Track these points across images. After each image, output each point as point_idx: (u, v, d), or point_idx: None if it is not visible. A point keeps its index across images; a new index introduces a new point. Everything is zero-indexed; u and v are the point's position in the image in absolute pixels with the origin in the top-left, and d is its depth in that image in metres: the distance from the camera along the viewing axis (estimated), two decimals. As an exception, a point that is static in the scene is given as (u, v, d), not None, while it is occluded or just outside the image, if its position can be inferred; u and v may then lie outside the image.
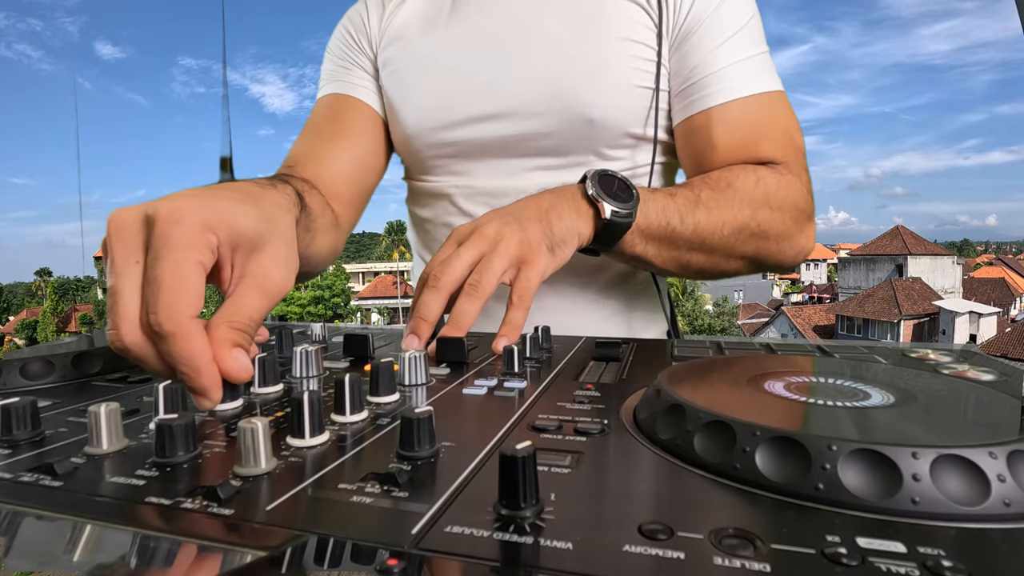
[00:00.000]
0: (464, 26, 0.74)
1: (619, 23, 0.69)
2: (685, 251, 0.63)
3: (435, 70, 0.75)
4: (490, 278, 0.50)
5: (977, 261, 50.56)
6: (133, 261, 0.33)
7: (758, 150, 0.66)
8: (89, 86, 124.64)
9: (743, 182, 0.63)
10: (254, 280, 0.36)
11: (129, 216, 0.34)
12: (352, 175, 0.76)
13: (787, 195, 0.65)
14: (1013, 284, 29.52)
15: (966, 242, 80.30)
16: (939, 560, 0.17)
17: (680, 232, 0.61)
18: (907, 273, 26.13)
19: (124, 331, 0.32)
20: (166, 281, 0.31)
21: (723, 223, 0.62)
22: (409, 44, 0.77)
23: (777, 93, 0.68)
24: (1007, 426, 0.25)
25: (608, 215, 0.57)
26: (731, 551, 0.18)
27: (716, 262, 0.65)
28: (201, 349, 0.31)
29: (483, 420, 0.32)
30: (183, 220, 0.33)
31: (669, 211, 0.60)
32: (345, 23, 0.83)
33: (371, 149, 0.80)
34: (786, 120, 0.68)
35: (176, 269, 0.32)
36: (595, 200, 0.57)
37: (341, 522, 0.20)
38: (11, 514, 0.22)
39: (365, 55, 0.81)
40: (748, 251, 0.65)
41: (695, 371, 0.34)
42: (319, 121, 0.80)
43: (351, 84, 0.80)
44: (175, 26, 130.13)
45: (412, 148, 0.78)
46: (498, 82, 0.71)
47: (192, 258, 0.33)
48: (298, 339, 0.57)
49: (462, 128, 0.74)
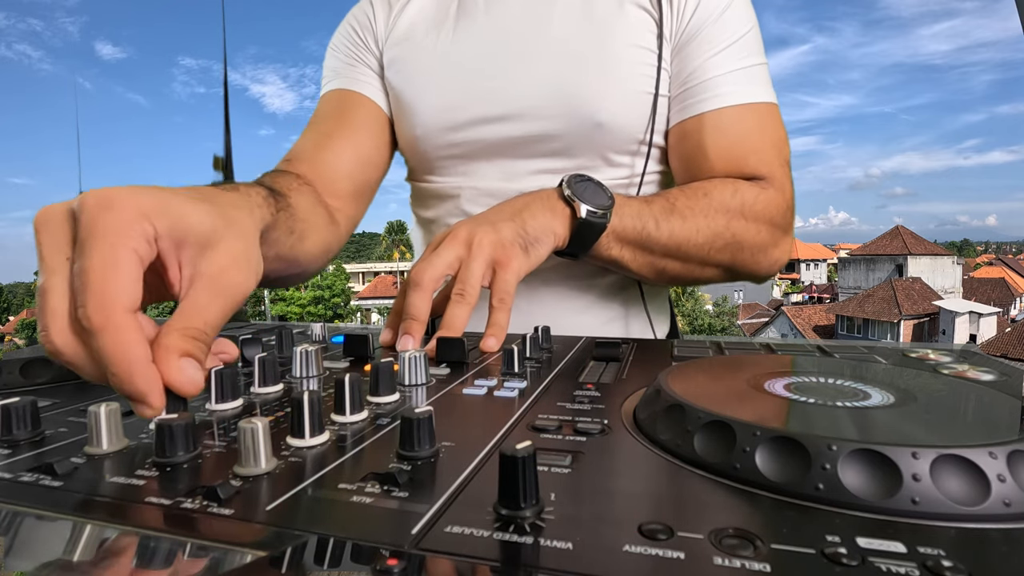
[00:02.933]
0: (472, 27, 0.74)
1: (627, 27, 0.69)
2: (660, 257, 0.64)
3: (443, 71, 0.75)
4: (473, 283, 0.52)
5: (977, 261, 50.53)
6: (63, 257, 0.29)
7: (746, 162, 0.67)
8: (89, 86, 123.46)
9: (719, 192, 0.65)
10: (208, 280, 0.32)
11: (55, 210, 0.31)
12: (354, 171, 0.76)
13: (764, 209, 0.66)
14: (1013, 284, 29.52)
15: (966, 242, 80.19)
16: (939, 560, 0.17)
17: (655, 238, 0.62)
18: (907, 273, 26.12)
19: (54, 331, 0.28)
20: (95, 270, 0.28)
21: (697, 231, 0.63)
22: (417, 44, 0.77)
23: (770, 105, 0.69)
24: (1007, 426, 0.25)
25: (583, 214, 0.58)
26: (731, 551, 0.18)
27: (691, 269, 0.66)
28: (133, 346, 0.28)
29: (483, 420, 0.32)
30: (114, 207, 0.30)
31: (644, 216, 0.61)
32: (350, 20, 0.83)
33: (374, 145, 0.79)
34: (775, 133, 0.69)
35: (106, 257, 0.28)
36: (570, 200, 0.58)
37: (341, 522, 0.20)
38: (11, 514, 0.22)
39: (371, 52, 0.81)
40: (723, 260, 0.66)
41: (695, 371, 0.34)
42: (322, 117, 0.79)
43: (356, 80, 0.80)
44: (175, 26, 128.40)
45: (419, 148, 0.77)
46: (506, 84, 0.72)
47: (125, 245, 0.29)
48: (298, 339, 0.57)
49: (470, 129, 0.74)
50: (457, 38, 0.75)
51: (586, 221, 0.58)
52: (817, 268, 46.80)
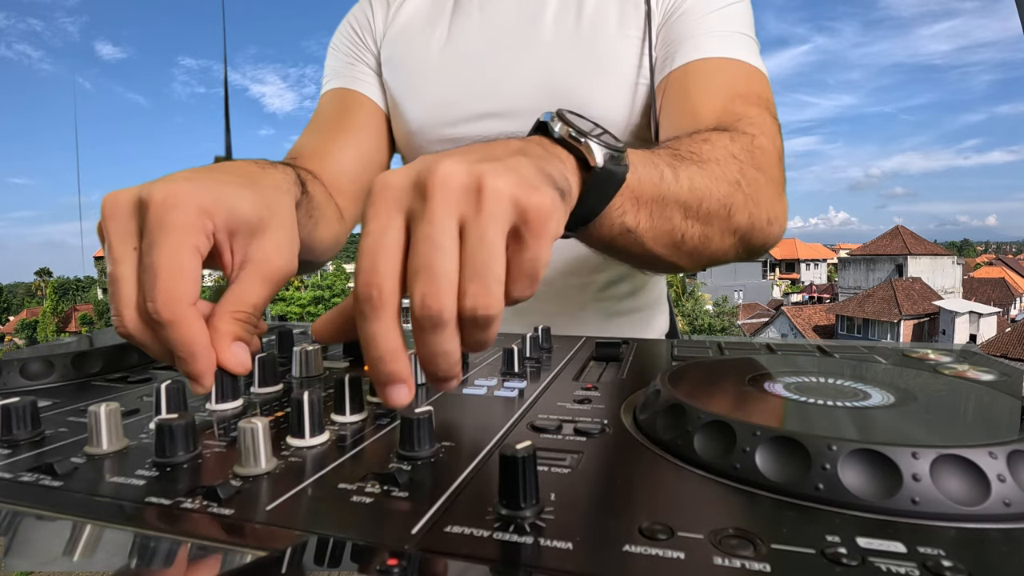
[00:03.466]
0: (468, 24, 0.75)
1: (620, 21, 0.69)
2: (681, 219, 0.48)
3: (438, 67, 0.75)
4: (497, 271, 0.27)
5: (977, 261, 50.48)
6: (130, 247, 0.33)
7: (732, 107, 0.60)
8: (89, 86, 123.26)
9: (718, 137, 0.54)
10: (256, 267, 0.35)
11: (123, 199, 0.33)
12: (356, 171, 0.76)
13: (764, 158, 0.57)
14: (1013, 284, 29.51)
15: (966, 242, 79.99)
16: (939, 560, 0.17)
17: (675, 192, 0.46)
18: (907, 273, 26.12)
19: (127, 318, 0.32)
20: (162, 269, 0.31)
21: (715, 179, 0.50)
22: (413, 41, 0.77)
23: (756, 69, 0.65)
24: (1007, 426, 0.25)
25: (600, 161, 0.36)
26: (731, 551, 0.18)
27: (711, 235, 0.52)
28: (198, 337, 0.31)
29: (483, 420, 0.32)
30: (179, 205, 0.32)
31: (658, 164, 0.44)
32: (350, 19, 0.83)
33: (375, 146, 0.80)
34: (762, 90, 0.64)
35: (172, 256, 0.31)
36: (575, 141, 0.36)
37: (341, 522, 0.20)
38: (11, 514, 0.22)
39: (370, 51, 0.81)
40: (742, 222, 0.53)
41: (695, 371, 0.34)
42: (324, 116, 0.79)
43: (356, 80, 0.80)
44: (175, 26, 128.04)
45: (414, 144, 0.78)
46: (501, 80, 0.72)
47: (188, 244, 0.32)
48: (298, 339, 0.57)
49: (465, 125, 0.74)
50: (452, 35, 0.75)
51: (605, 169, 0.37)
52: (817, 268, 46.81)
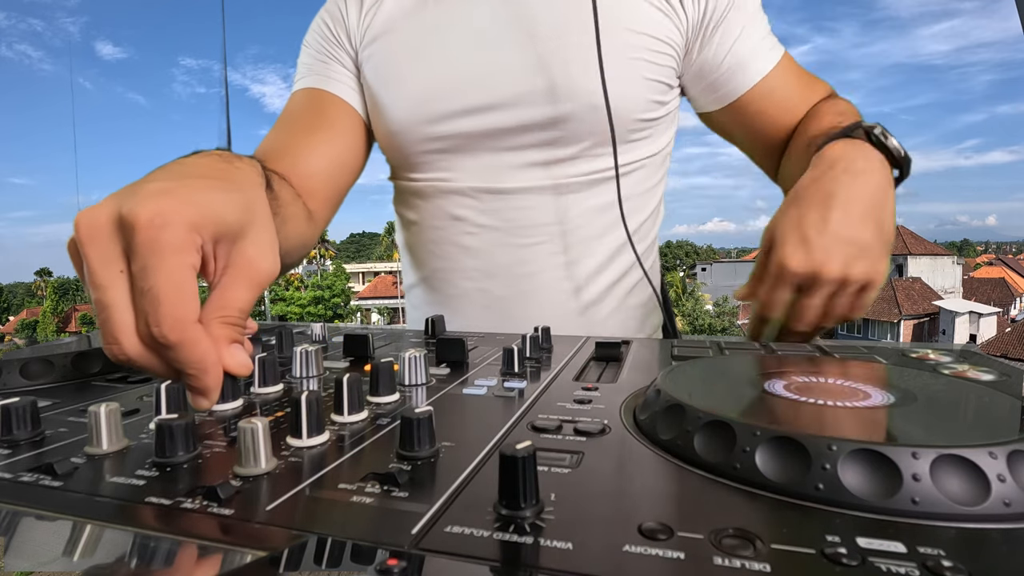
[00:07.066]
0: (450, 16, 0.72)
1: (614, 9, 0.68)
2: None
3: (420, 61, 0.72)
4: None
5: (977, 261, 50.44)
6: (116, 271, 0.31)
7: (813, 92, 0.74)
8: (89, 86, 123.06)
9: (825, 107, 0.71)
10: (240, 271, 0.34)
11: (102, 220, 0.31)
12: (328, 172, 0.74)
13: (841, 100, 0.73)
14: (1013, 284, 29.50)
15: (966, 242, 79.97)
16: (939, 560, 0.17)
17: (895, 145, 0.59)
18: (907, 273, 26.12)
19: (126, 345, 0.31)
20: (164, 293, 0.30)
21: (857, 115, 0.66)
22: (393, 38, 0.74)
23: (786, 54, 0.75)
24: (1007, 426, 0.25)
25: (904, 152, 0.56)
26: (731, 551, 0.18)
27: None
28: (208, 354, 0.31)
29: (483, 420, 0.32)
30: (168, 224, 0.31)
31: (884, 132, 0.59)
32: (323, 15, 0.80)
33: (348, 147, 0.77)
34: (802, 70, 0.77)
35: (171, 278, 0.30)
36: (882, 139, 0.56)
37: (341, 522, 0.20)
38: (11, 514, 0.22)
39: (343, 49, 0.78)
40: None
41: (695, 371, 0.34)
42: (295, 115, 0.76)
43: (329, 79, 0.77)
44: (175, 26, 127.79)
45: (397, 144, 0.75)
46: (489, 71, 0.69)
47: (185, 264, 0.31)
48: (298, 339, 0.57)
49: (451, 121, 0.71)
50: (435, 28, 0.72)
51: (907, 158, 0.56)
52: (817, 268, 46.69)
